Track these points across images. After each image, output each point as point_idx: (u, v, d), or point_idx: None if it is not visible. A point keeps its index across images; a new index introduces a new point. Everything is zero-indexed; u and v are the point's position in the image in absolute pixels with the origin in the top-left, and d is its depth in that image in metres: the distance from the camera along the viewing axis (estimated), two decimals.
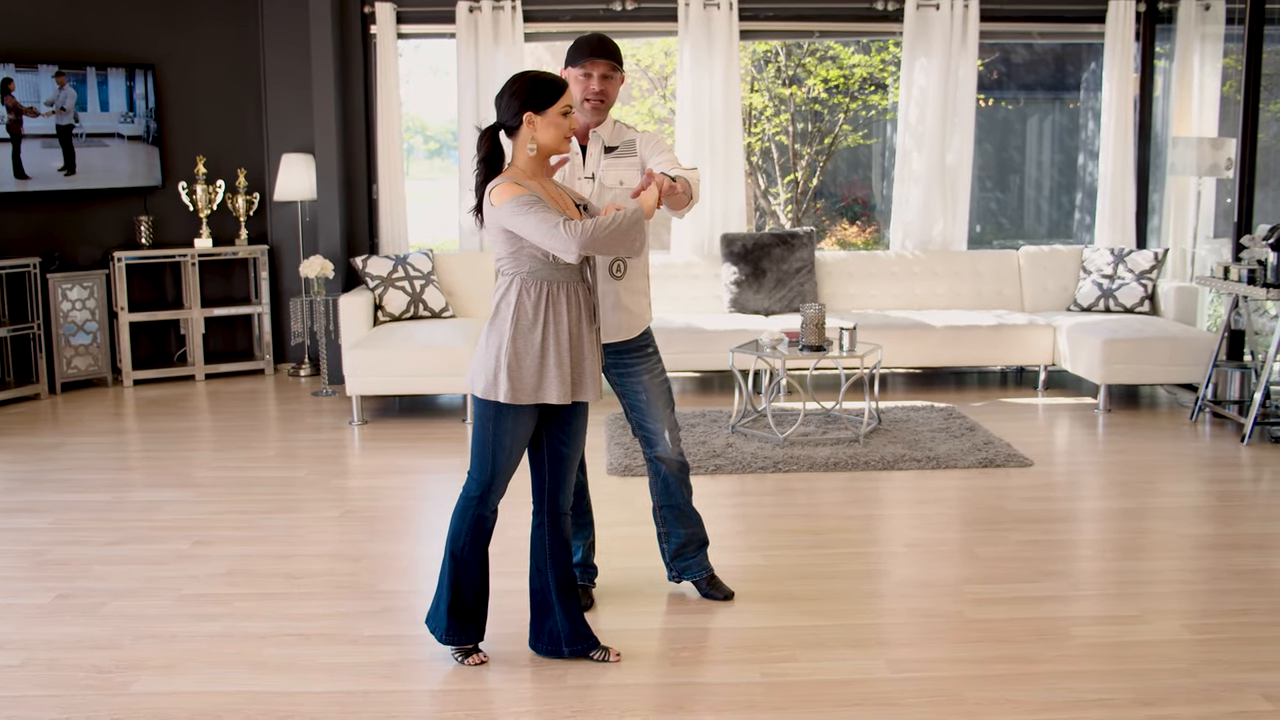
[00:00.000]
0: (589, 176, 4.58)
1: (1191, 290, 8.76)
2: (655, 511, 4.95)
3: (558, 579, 4.35)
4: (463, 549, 4.33)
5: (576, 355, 4.14)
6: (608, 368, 4.74)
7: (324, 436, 7.78)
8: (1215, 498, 6.38)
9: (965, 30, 9.34)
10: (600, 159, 4.61)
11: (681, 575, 4.97)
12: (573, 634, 4.34)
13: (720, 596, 4.90)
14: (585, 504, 4.94)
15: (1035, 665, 4.27)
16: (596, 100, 4.52)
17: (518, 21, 9.27)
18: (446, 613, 4.32)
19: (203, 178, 9.48)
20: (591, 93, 4.49)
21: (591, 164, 4.59)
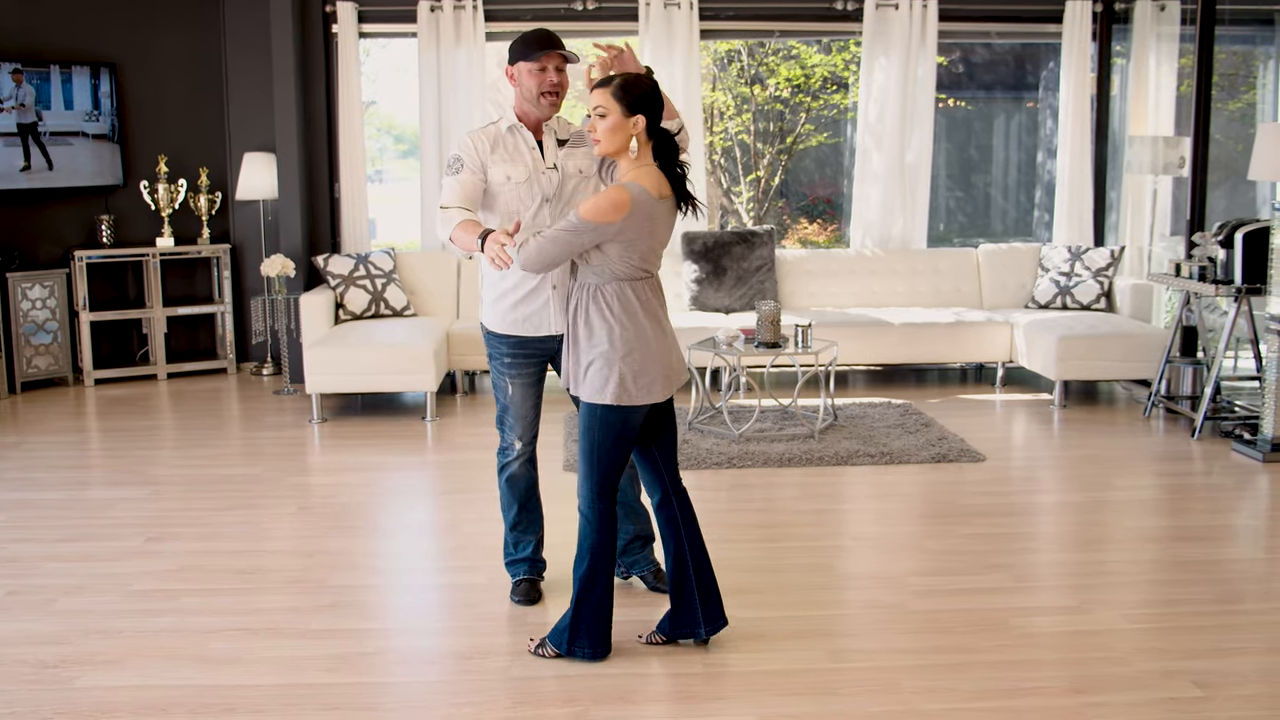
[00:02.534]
0: (552, 167, 4.61)
1: (1147, 287, 8.85)
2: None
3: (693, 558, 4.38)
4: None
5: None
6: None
7: (283, 434, 7.79)
8: (1163, 491, 6.46)
9: (924, 30, 9.41)
10: (556, 150, 4.65)
11: (630, 570, 5.02)
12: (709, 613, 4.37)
13: (667, 590, 4.93)
14: (536, 500, 4.96)
15: (973, 655, 4.33)
16: (553, 93, 4.56)
17: (479, 21, 9.29)
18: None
19: (164, 176, 9.48)
20: (549, 85, 4.53)
21: (551, 155, 4.63)
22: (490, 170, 4.55)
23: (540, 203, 4.56)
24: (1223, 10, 8.36)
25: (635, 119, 4.05)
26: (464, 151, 4.57)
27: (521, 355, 4.70)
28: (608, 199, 3.99)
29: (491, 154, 4.56)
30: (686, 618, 4.39)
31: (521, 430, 4.80)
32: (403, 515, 6.20)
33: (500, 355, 4.72)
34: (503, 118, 4.67)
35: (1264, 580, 5.10)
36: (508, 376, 4.73)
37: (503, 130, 4.62)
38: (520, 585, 4.91)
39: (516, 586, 4.91)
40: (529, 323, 4.63)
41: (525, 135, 4.61)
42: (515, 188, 4.55)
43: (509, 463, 4.86)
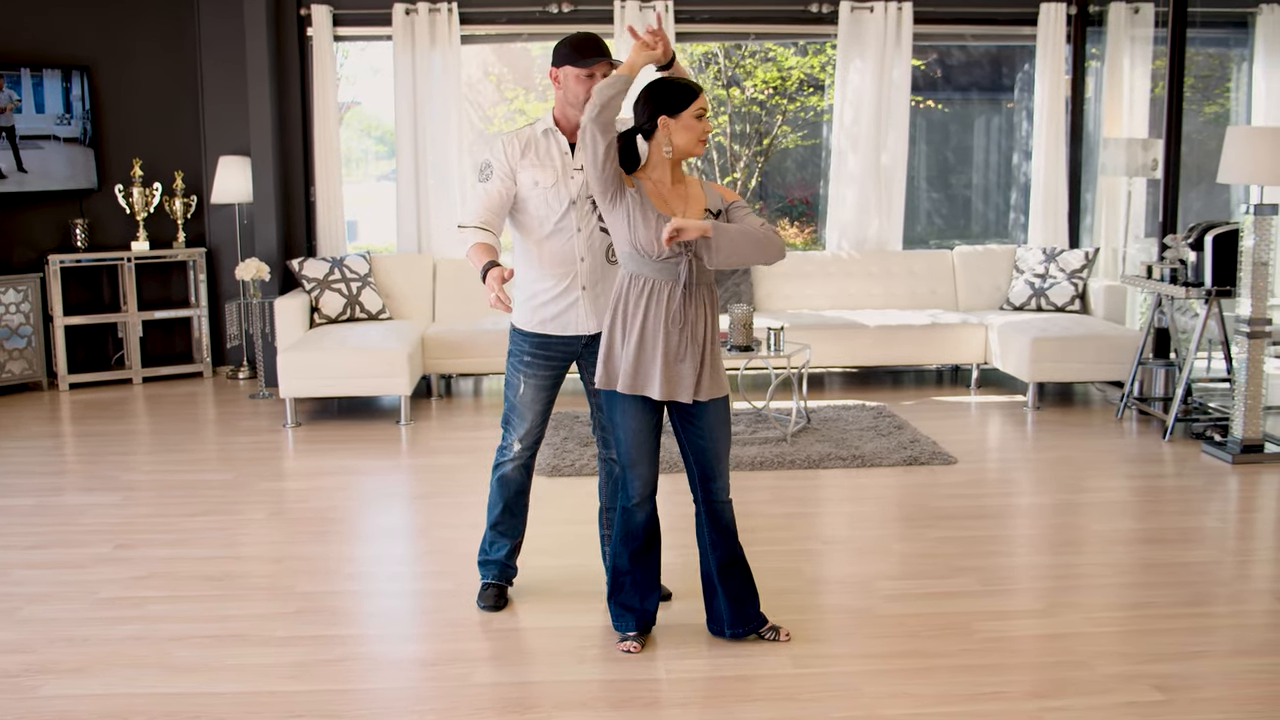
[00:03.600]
0: (579, 168, 4.58)
1: (1121, 289, 8.88)
2: (602, 513, 4.99)
3: (718, 563, 4.45)
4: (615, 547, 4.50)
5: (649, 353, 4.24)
6: (585, 364, 4.78)
7: (257, 439, 7.78)
8: (1133, 493, 6.48)
9: (899, 32, 9.43)
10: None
11: None
12: (735, 616, 4.46)
13: None
14: (523, 505, 4.94)
15: (936, 660, 4.34)
16: None
17: (454, 23, 9.30)
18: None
19: (139, 180, 9.46)
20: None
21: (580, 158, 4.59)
22: (519, 175, 4.53)
23: (568, 205, 4.54)
24: (1196, 13, 8.39)
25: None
26: (494, 158, 4.55)
27: (542, 355, 4.69)
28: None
29: (521, 158, 4.54)
30: (714, 617, 4.51)
31: (523, 433, 4.78)
32: (374, 520, 6.20)
33: (520, 353, 4.71)
34: (540, 120, 4.63)
35: (1229, 583, 5.12)
36: (522, 375, 4.71)
37: (538, 133, 4.58)
38: (488, 590, 4.90)
39: (484, 591, 4.90)
40: (556, 321, 4.63)
41: (559, 139, 4.57)
42: (543, 192, 4.53)
43: (504, 463, 4.84)
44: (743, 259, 4.17)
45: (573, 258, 4.59)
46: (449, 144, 9.45)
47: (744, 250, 4.14)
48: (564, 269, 4.60)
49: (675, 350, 4.23)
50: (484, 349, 8.65)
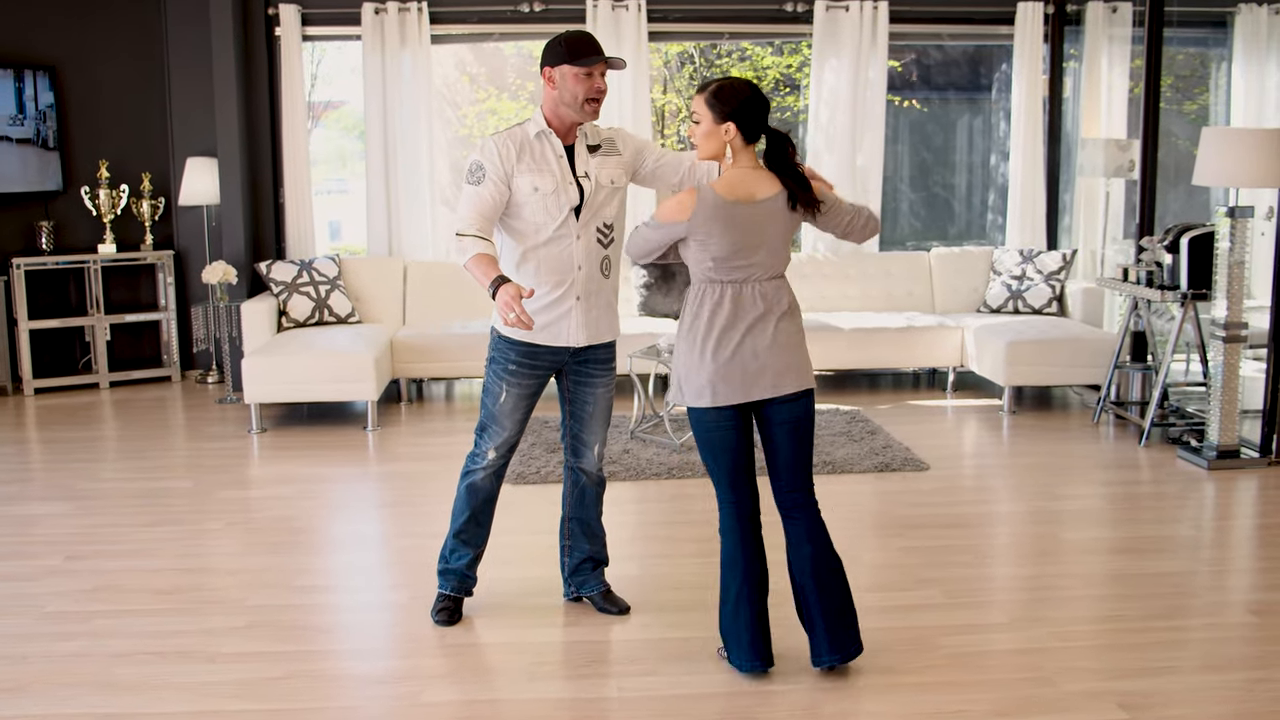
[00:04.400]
0: (585, 175, 4.45)
1: (1098, 291, 8.78)
2: (564, 523, 4.88)
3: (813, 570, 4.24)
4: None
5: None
6: (565, 371, 4.66)
7: (222, 445, 7.66)
8: (1105, 501, 6.38)
9: (875, 31, 9.32)
10: (588, 158, 4.49)
11: (580, 590, 4.90)
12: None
13: (615, 610, 4.83)
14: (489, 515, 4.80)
15: (898, 677, 4.23)
16: (598, 99, 4.36)
17: (424, 23, 9.18)
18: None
19: (106, 182, 9.32)
20: (596, 91, 4.32)
21: (583, 164, 4.46)
22: (516, 180, 4.36)
23: (568, 213, 4.40)
24: (1175, 12, 8.30)
25: (726, 126, 4.03)
26: (487, 159, 4.36)
27: (528, 365, 4.54)
28: (675, 199, 4.05)
29: (518, 162, 4.37)
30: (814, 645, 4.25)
31: (500, 441, 4.62)
32: (334, 529, 6.08)
33: (505, 360, 4.54)
34: (530, 120, 4.46)
35: (1201, 594, 5.02)
36: (505, 383, 4.55)
37: (530, 135, 4.41)
38: (444, 604, 4.78)
39: (439, 604, 4.78)
40: (547, 331, 4.48)
41: (554, 142, 4.42)
42: (543, 199, 4.37)
43: (476, 470, 4.68)
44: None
45: (570, 265, 4.44)
46: (420, 145, 9.33)
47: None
48: (559, 276, 4.44)
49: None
50: (454, 353, 8.53)
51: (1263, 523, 6.08)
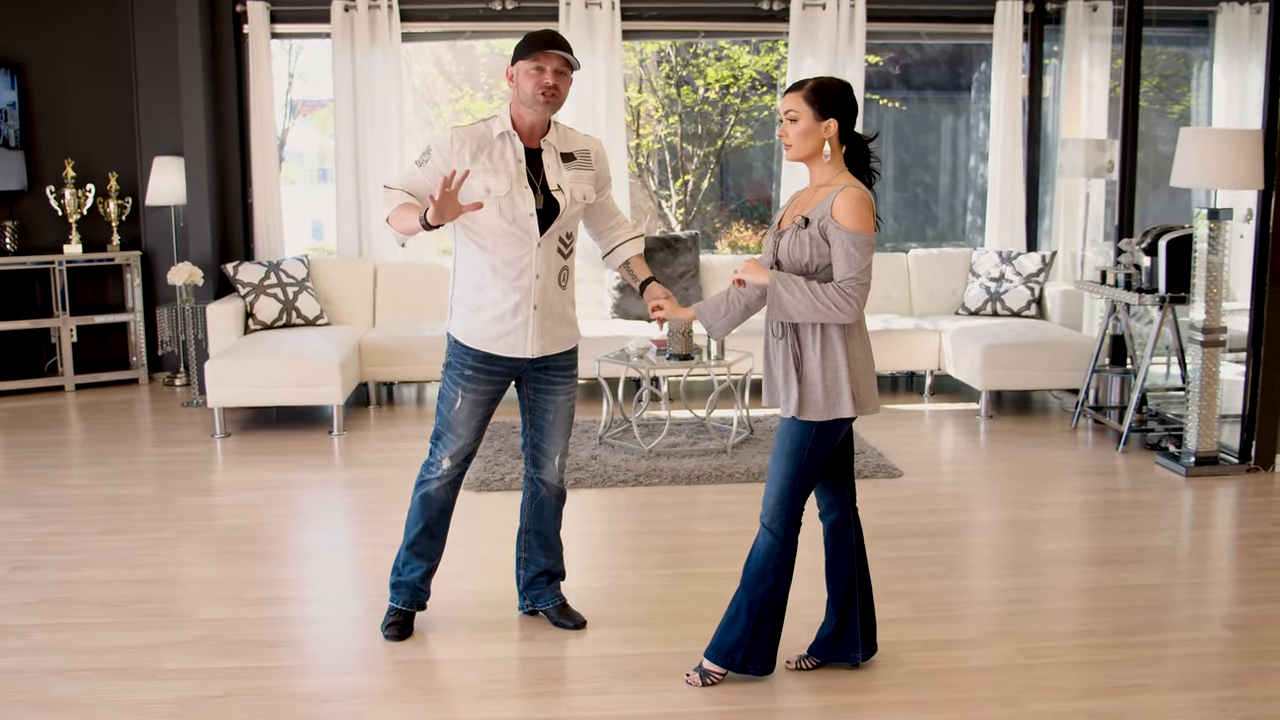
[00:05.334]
0: (558, 189, 4.31)
1: (1078, 294, 8.65)
2: (521, 534, 4.74)
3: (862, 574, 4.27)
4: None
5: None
6: (525, 379, 4.52)
7: (184, 450, 7.50)
8: (1080, 509, 6.25)
9: (852, 30, 9.19)
10: (561, 169, 4.35)
11: (535, 604, 4.76)
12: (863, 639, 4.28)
13: (571, 625, 4.69)
14: (444, 526, 4.66)
15: (858, 696, 4.10)
16: (549, 94, 4.17)
17: (395, 22, 9.03)
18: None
19: (72, 181, 9.17)
20: (545, 86, 4.14)
21: (554, 175, 4.32)
22: (472, 181, 4.21)
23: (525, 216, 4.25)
24: (1156, 11, 8.17)
25: (828, 123, 3.89)
26: (439, 149, 4.24)
27: (484, 371, 4.40)
28: (861, 203, 3.84)
29: (472, 161, 4.22)
30: (846, 641, 4.24)
31: (455, 450, 4.47)
32: (290, 539, 5.93)
33: (460, 366, 4.40)
34: (495, 118, 4.33)
35: (1174, 608, 4.89)
36: (460, 389, 4.40)
37: (492, 134, 4.27)
38: (394, 618, 4.63)
39: (390, 618, 4.63)
40: (502, 341, 4.35)
41: (516, 144, 4.27)
42: (495, 200, 4.23)
43: (430, 480, 4.52)
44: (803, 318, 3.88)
45: (528, 272, 4.30)
46: (391, 145, 9.18)
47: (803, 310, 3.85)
48: (515, 283, 4.31)
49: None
50: (424, 355, 8.39)
51: (1240, 532, 5.96)
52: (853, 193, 3.83)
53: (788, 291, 3.83)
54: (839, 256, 3.82)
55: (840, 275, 3.82)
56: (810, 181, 4.04)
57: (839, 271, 3.82)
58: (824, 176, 3.96)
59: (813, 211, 3.90)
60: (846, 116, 3.92)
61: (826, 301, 3.78)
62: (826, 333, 3.90)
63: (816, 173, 3.99)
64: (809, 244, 3.88)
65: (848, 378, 3.91)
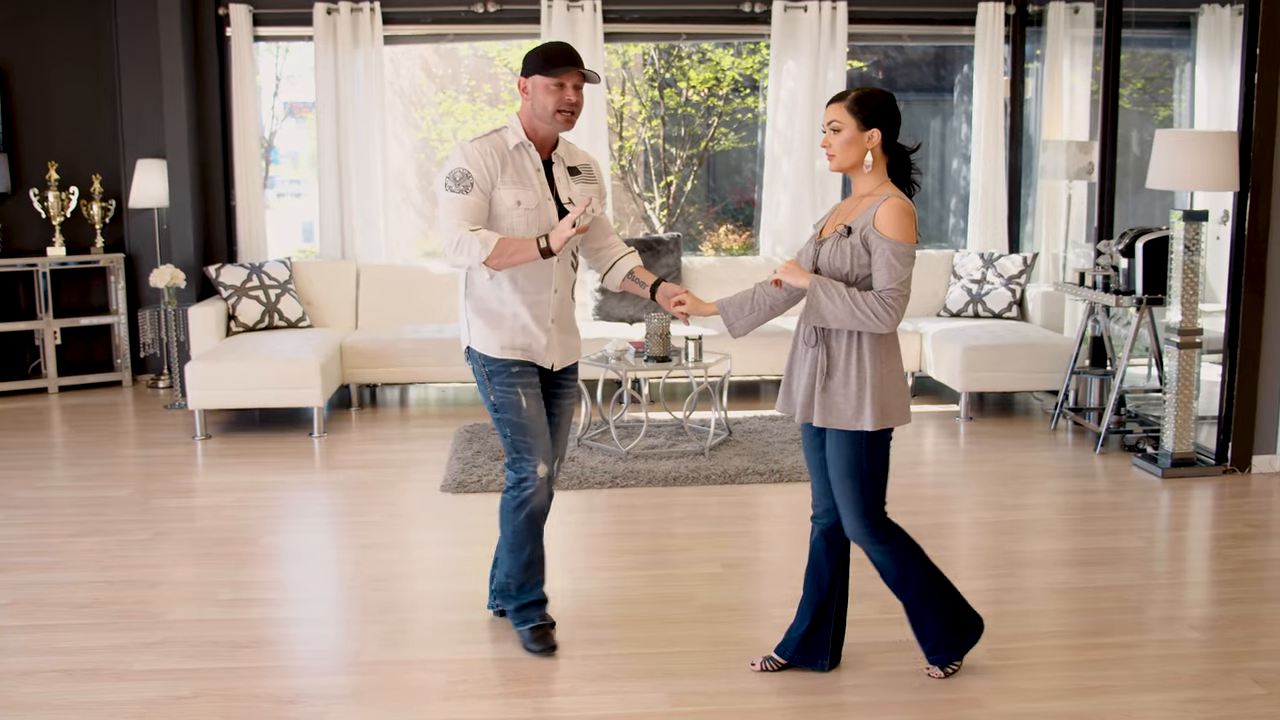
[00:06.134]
0: (570, 201, 4.31)
1: (1059, 296, 8.67)
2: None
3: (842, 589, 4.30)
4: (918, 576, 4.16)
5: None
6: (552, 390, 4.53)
7: (164, 452, 7.51)
8: (1055, 511, 6.27)
9: (833, 32, 9.20)
10: (570, 183, 4.36)
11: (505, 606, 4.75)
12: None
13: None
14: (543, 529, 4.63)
15: (820, 698, 4.11)
16: (570, 112, 4.20)
17: (377, 24, 9.04)
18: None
19: (55, 184, 9.17)
20: (567, 104, 4.16)
21: (564, 189, 4.32)
22: (499, 191, 4.19)
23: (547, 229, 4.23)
24: (1136, 13, 8.19)
25: (871, 133, 3.91)
26: (473, 167, 4.16)
27: (527, 369, 4.36)
28: (904, 214, 3.86)
29: (501, 173, 4.20)
30: (817, 646, 4.25)
31: (543, 450, 4.36)
32: (264, 541, 5.91)
33: (504, 371, 4.32)
34: (506, 128, 4.30)
35: (1142, 609, 4.90)
36: (518, 388, 4.33)
37: (509, 146, 4.24)
38: (541, 633, 4.48)
39: (536, 635, 4.47)
40: (528, 353, 4.33)
41: (533, 155, 4.26)
42: (525, 214, 4.20)
43: (530, 495, 4.37)
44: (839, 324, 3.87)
45: (548, 285, 4.31)
46: (373, 147, 9.19)
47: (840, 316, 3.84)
48: (536, 298, 4.29)
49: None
50: (406, 357, 8.40)
51: (1212, 534, 5.98)
52: (896, 203, 3.86)
53: (827, 296, 3.83)
54: (880, 266, 3.83)
55: (881, 285, 3.83)
56: (853, 191, 4.05)
57: (879, 281, 3.84)
58: (866, 187, 3.98)
59: (855, 221, 3.91)
60: (889, 127, 3.93)
61: (866, 310, 3.79)
62: (860, 342, 3.91)
63: (859, 183, 4.00)
64: (850, 253, 3.89)
65: (884, 386, 3.92)
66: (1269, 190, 6.50)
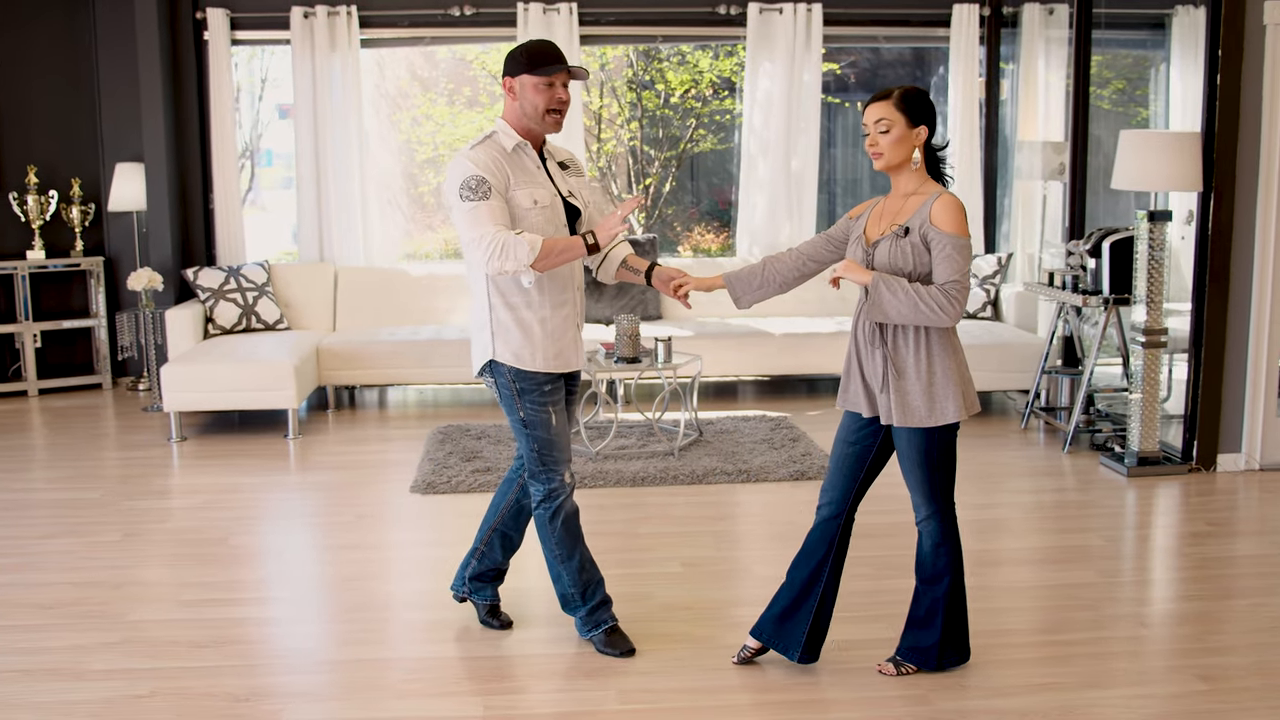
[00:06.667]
0: (571, 195, 4.33)
1: (1033, 296, 8.70)
2: (489, 531, 4.71)
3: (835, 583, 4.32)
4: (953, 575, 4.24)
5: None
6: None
7: (140, 454, 7.55)
8: (1018, 510, 6.31)
9: (809, 34, 9.25)
10: (564, 177, 4.37)
11: (471, 594, 4.78)
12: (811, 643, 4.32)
13: (498, 625, 4.73)
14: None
15: (767, 695, 4.15)
16: (560, 112, 4.21)
17: (354, 27, 9.08)
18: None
19: (35, 187, 9.21)
20: (558, 102, 4.17)
21: (561, 183, 4.33)
22: (515, 193, 4.16)
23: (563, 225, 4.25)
24: (1113, 14, 8.23)
25: (919, 130, 3.94)
26: (485, 172, 4.09)
27: (555, 384, 4.34)
28: (960, 208, 3.92)
29: (513, 174, 4.18)
30: (788, 635, 4.28)
31: (568, 459, 4.39)
32: (232, 541, 5.94)
33: (537, 388, 4.28)
34: (497, 132, 4.25)
35: (1094, 607, 4.93)
36: (549, 407, 4.31)
37: (507, 148, 4.21)
38: (615, 636, 4.48)
39: (610, 638, 4.47)
40: (560, 359, 4.32)
41: (531, 154, 4.26)
42: (542, 212, 4.19)
43: (560, 502, 4.38)
44: (902, 320, 3.91)
45: (570, 283, 4.31)
46: (351, 149, 9.23)
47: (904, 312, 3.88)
48: (561, 296, 4.29)
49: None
50: (382, 359, 8.44)
51: (1173, 532, 6.02)
52: (949, 199, 3.91)
53: (890, 292, 3.86)
54: (941, 260, 3.87)
55: (943, 278, 3.87)
56: (895, 190, 4.06)
57: (941, 275, 3.88)
58: (911, 185, 4.01)
59: (911, 220, 3.94)
60: (933, 123, 3.98)
61: (930, 303, 3.83)
62: (928, 340, 3.96)
63: (903, 181, 4.02)
64: (911, 252, 3.92)
65: (956, 380, 3.98)
66: (1232, 191, 6.55)
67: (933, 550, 4.19)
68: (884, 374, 4.00)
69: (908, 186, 4.01)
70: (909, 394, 3.98)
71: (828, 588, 4.27)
